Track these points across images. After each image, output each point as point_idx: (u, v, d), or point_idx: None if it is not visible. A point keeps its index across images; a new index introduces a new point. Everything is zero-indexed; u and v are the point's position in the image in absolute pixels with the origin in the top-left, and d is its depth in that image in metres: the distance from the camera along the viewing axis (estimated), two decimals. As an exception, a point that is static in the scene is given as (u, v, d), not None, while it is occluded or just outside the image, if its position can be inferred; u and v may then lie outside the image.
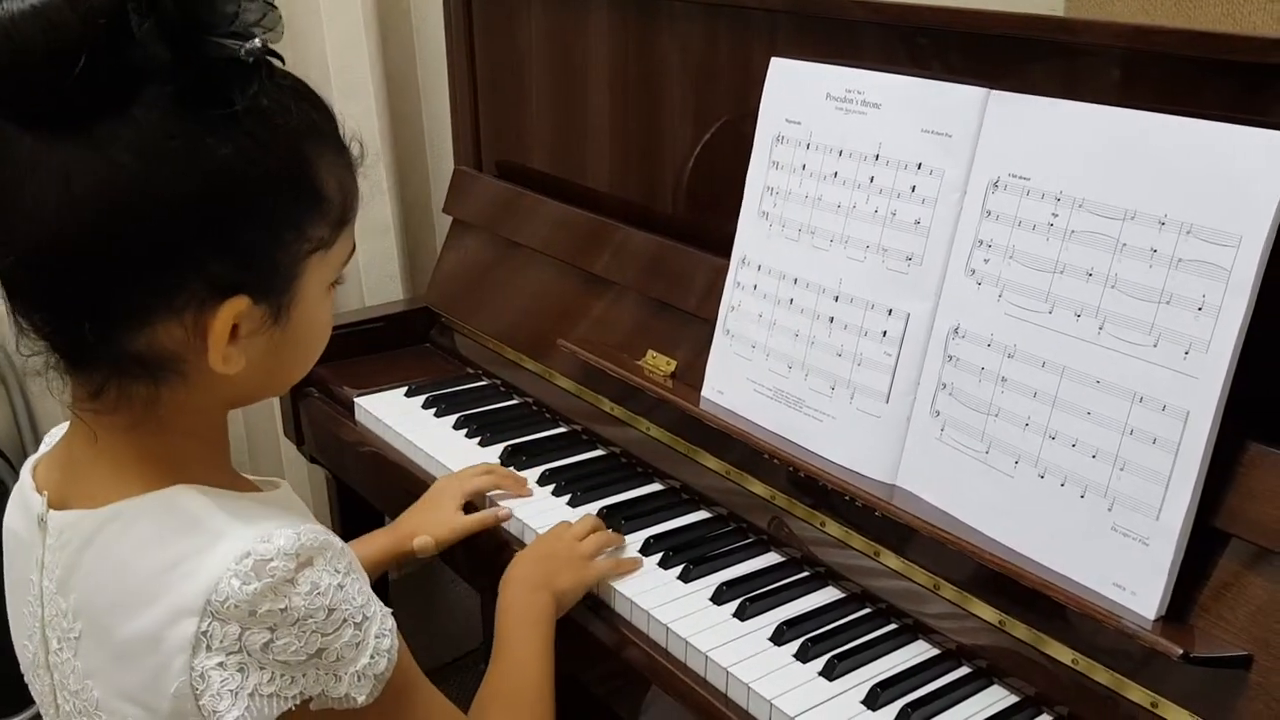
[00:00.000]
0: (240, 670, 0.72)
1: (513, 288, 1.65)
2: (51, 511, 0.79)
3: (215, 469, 0.80)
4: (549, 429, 1.50)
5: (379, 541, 1.25)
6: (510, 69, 1.73)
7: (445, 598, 2.15)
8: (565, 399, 1.50)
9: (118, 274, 0.69)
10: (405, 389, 1.58)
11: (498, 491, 1.31)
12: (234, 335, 0.74)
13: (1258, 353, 0.90)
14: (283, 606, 0.72)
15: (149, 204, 0.68)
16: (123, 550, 0.74)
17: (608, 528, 1.23)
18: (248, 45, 0.68)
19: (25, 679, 0.87)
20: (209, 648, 0.71)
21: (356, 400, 1.56)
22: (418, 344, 1.76)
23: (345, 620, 0.75)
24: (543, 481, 1.35)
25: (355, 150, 0.81)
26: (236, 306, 0.72)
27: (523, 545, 1.24)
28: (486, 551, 1.27)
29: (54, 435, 0.88)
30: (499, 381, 1.62)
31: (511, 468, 1.38)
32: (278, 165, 0.72)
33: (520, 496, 1.31)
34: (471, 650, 2.15)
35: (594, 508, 1.29)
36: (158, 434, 0.77)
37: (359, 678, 0.76)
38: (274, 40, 0.71)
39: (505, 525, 1.28)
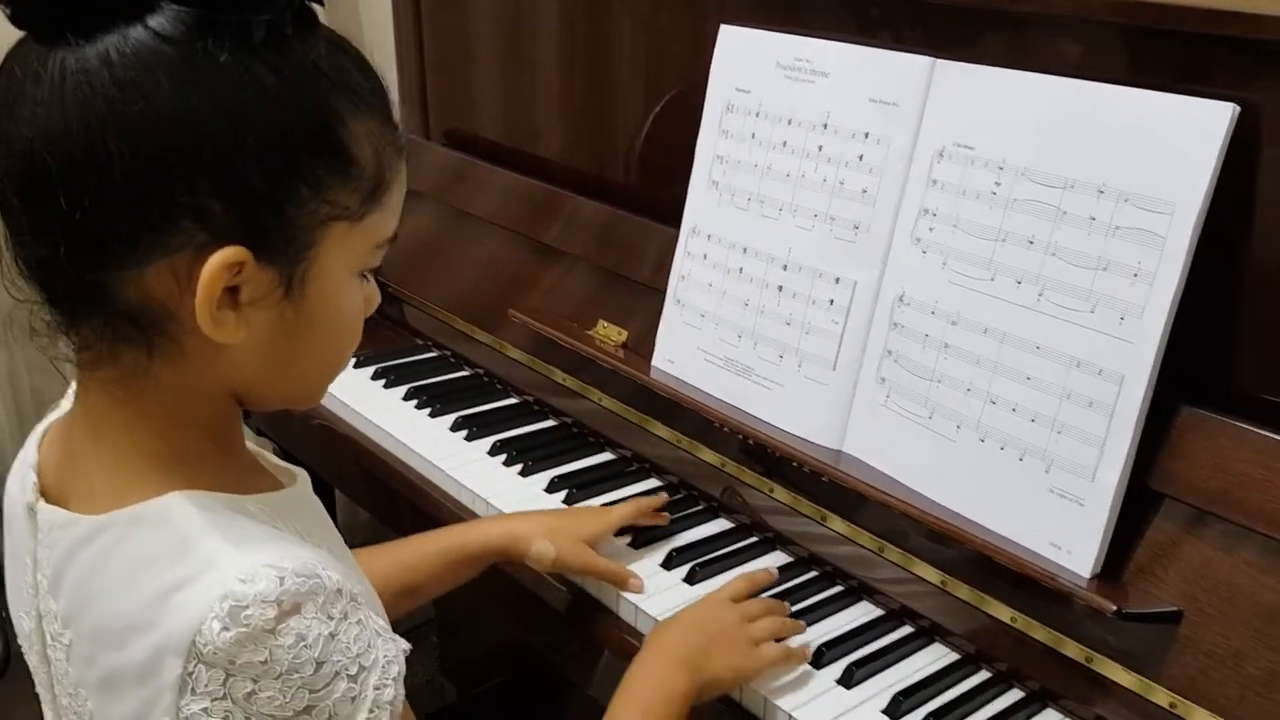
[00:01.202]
0: (226, 717, 0.66)
1: (463, 258, 1.64)
2: (41, 503, 0.74)
3: (222, 466, 0.74)
4: (500, 400, 1.50)
5: (489, 529, 1.15)
6: (458, 36, 1.72)
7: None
8: (516, 370, 1.50)
9: (112, 194, 0.63)
10: (354, 361, 1.57)
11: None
12: (235, 299, 0.67)
13: (1191, 318, 0.92)
14: (263, 659, 0.65)
15: (147, 121, 0.63)
16: (109, 569, 0.69)
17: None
18: None
19: (22, 648, 0.82)
20: (194, 691, 0.65)
21: (306, 371, 1.55)
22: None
23: (337, 674, 0.67)
24: (494, 452, 1.36)
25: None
26: (231, 256, 0.65)
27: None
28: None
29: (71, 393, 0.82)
30: (449, 353, 1.62)
31: (462, 436, 1.38)
32: (298, 112, 0.66)
33: (658, 522, 1.21)
34: (424, 622, 2.15)
35: (546, 478, 1.30)
36: (161, 423, 0.71)
37: None
38: None
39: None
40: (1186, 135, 0.91)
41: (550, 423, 1.45)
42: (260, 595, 0.64)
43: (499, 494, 1.26)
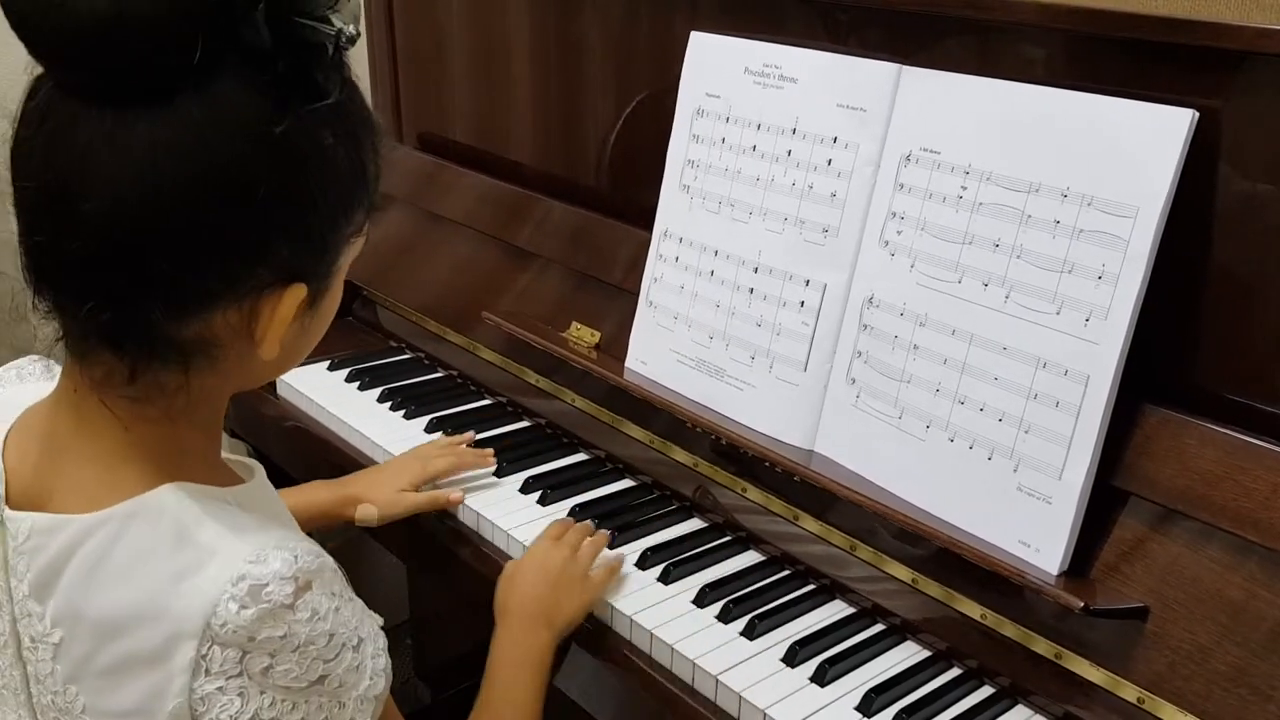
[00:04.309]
0: (240, 695, 0.70)
1: (436, 261, 1.65)
2: (11, 512, 0.74)
3: (207, 463, 0.78)
4: (474, 401, 1.50)
5: (319, 496, 1.22)
6: (431, 40, 1.72)
7: (372, 571, 2.15)
8: (490, 371, 1.51)
9: (192, 258, 0.66)
10: (328, 363, 1.58)
11: (465, 474, 1.28)
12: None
13: (1155, 319, 0.94)
14: (282, 633, 0.69)
15: (231, 184, 0.65)
16: (110, 564, 0.71)
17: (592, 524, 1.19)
18: (347, 31, 0.67)
19: None
20: (209, 671, 0.69)
21: (279, 375, 1.55)
22: (340, 318, 1.73)
23: (344, 645, 0.72)
24: (468, 453, 1.36)
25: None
26: (298, 294, 0.71)
27: (478, 535, 1.24)
28: (429, 532, 1.27)
29: (24, 373, 0.85)
30: (423, 354, 1.62)
31: (436, 438, 1.38)
32: (349, 160, 0.72)
33: (482, 469, 1.30)
34: (399, 624, 2.15)
35: (520, 479, 1.30)
36: (163, 424, 0.73)
37: (362, 701, 0.74)
38: (352, 25, 0.69)
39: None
40: (1148, 140, 0.92)
41: (524, 424, 1.45)
42: (278, 573, 0.69)
43: (473, 494, 1.26)
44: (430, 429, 1.41)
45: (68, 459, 0.74)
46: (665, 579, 1.14)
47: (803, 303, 1.17)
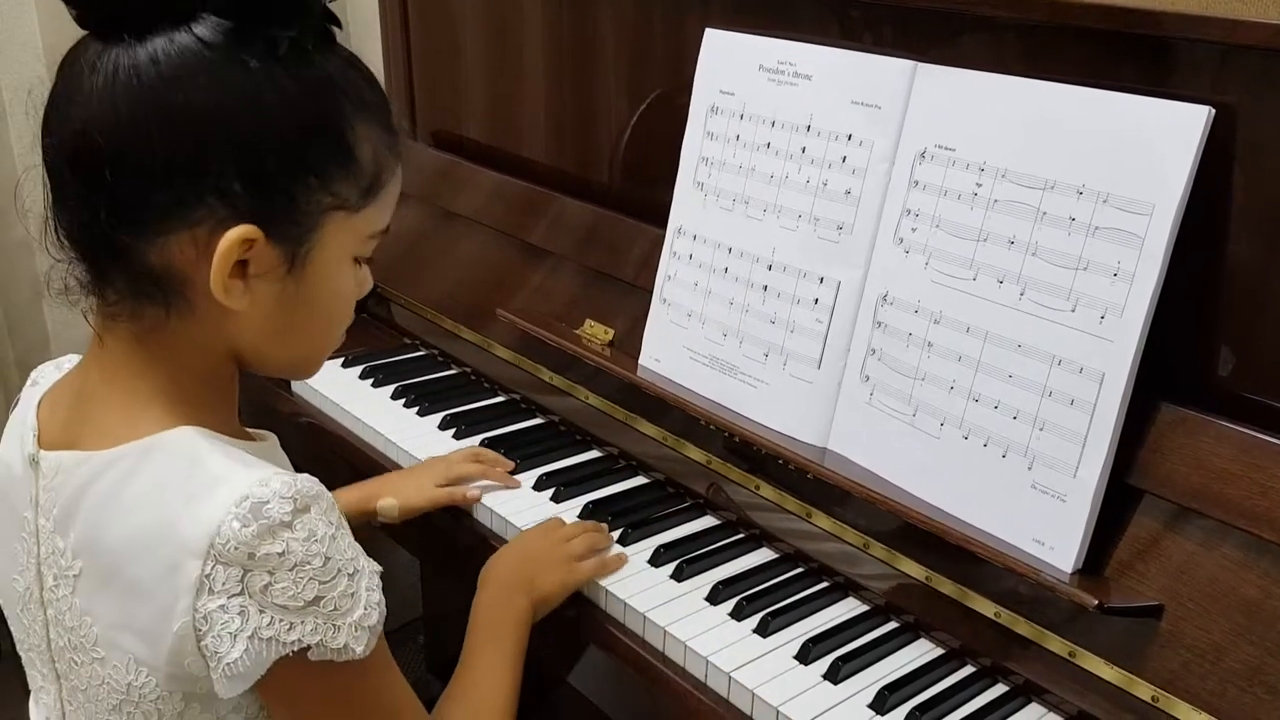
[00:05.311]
0: (241, 613, 0.74)
1: (450, 258, 1.65)
2: (44, 452, 0.81)
3: (221, 417, 0.83)
4: (487, 398, 1.51)
5: (344, 497, 1.24)
6: (445, 38, 1.72)
7: (386, 567, 2.15)
8: (504, 368, 1.51)
9: (150, 170, 0.73)
10: (342, 359, 1.58)
11: (484, 483, 1.28)
12: (244, 271, 0.77)
13: (1170, 317, 0.94)
14: (280, 550, 0.73)
15: (185, 111, 0.73)
16: (126, 493, 0.76)
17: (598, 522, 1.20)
18: None
19: (6, 614, 0.89)
20: (211, 590, 0.73)
21: (293, 371, 1.56)
22: (354, 314, 1.75)
23: (340, 570, 0.76)
24: (482, 450, 1.37)
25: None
26: (245, 233, 0.75)
27: (492, 532, 1.24)
28: (442, 528, 1.27)
29: (62, 364, 0.90)
30: (437, 351, 1.63)
31: (450, 434, 1.39)
32: (313, 110, 0.77)
33: (508, 488, 1.28)
34: (410, 621, 2.16)
35: (533, 475, 1.30)
36: (171, 370, 0.80)
37: (356, 628, 0.77)
38: None
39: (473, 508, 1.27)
40: (1163, 137, 0.92)
41: (537, 421, 1.45)
42: (278, 492, 0.74)
43: (487, 492, 1.26)
44: (444, 426, 1.42)
45: (94, 405, 0.81)
46: (678, 576, 1.14)
47: (817, 300, 1.17)
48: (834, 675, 1.00)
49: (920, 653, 1.05)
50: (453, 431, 1.40)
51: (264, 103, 0.74)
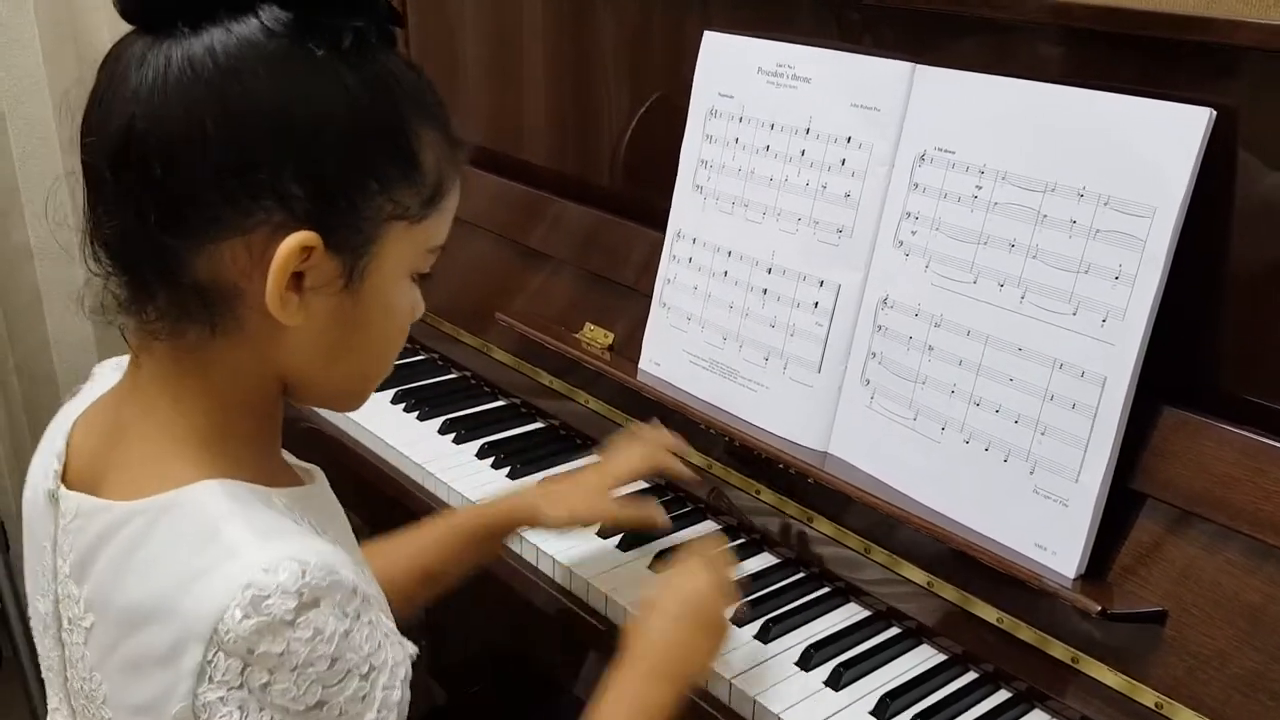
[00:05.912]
0: (240, 708, 0.67)
1: (450, 262, 1.63)
2: (62, 490, 0.76)
3: (256, 454, 0.76)
4: (487, 402, 1.50)
5: (502, 504, 1.13)
6: (443, 41, 1.72)
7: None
8: (503, 372, 1.50)
9: (204, 168, 0.68)
10: (342, 364, 1.58)
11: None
12: (299, 284, 0.70)
13: (1172, 320, 0.93)
14: (279, 650, 0.66)
15: (243, 105, 0.68)
16: (139, 555, 0.71)
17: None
18: None
19: (33, 630, 0.84)
20: (212, 679, 0.67)
21: (293, 376, 1.55)
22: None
23: (350, 672, 0.69)
24: (482, 454, 1.36)
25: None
26: (305, 240, 0.69)
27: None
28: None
29: (123, 364, 0.82)
30: (436, 355, 1.62)
31: (450, 439, 1.38)
32: (375, 113, 0.71)
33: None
34: (414, 625, 2.15)
35: (534, 479, 1.30)
36: (210, 401, 0.73)
37: None
38: None
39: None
40: (1164, 139, 0.91)
41: (538, 425, 1.45)
42: (282, 586, 0.66)
43: (488, 496, 1.26)
44: (444, 430, 1.41)
45: (125, 441, 0.75)
46: (679, 581, 1.13)
47: (816, 303, 1.16)
48: (835, 682, 1.00)
49: (922, 659, 1.05)
50: (453, 436, 1.40)
51: (326, 98, 0.69)
